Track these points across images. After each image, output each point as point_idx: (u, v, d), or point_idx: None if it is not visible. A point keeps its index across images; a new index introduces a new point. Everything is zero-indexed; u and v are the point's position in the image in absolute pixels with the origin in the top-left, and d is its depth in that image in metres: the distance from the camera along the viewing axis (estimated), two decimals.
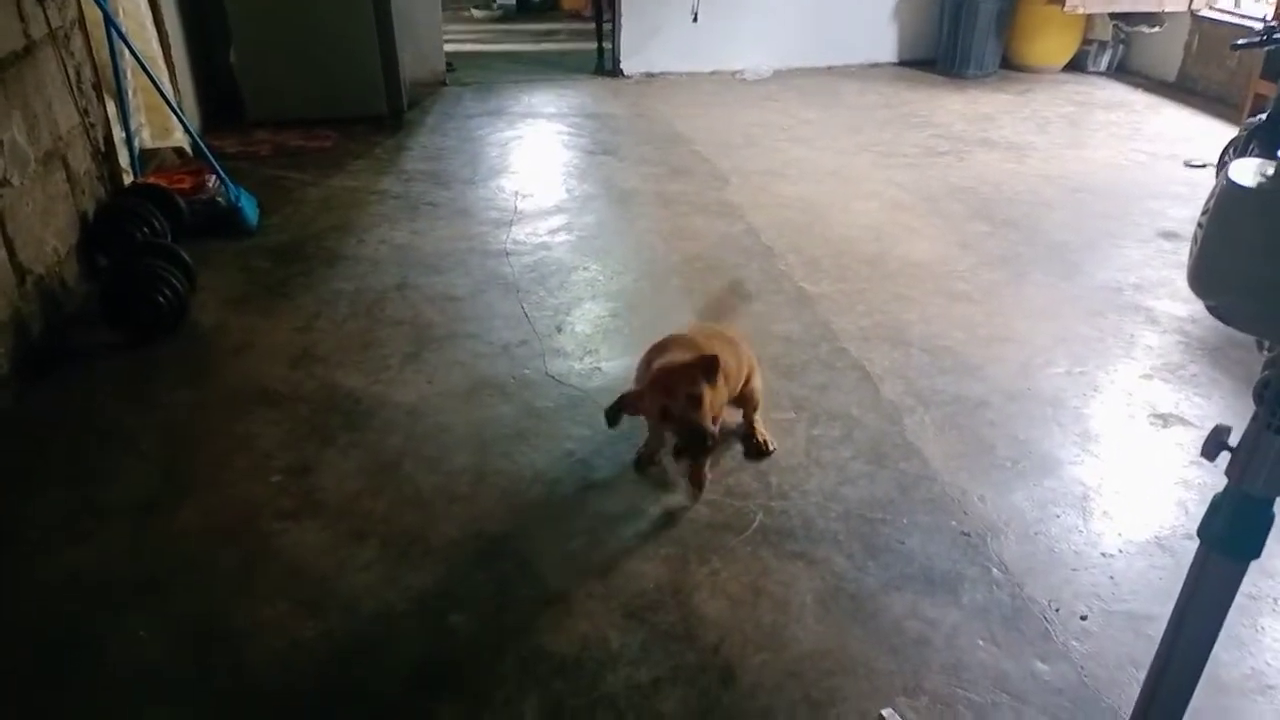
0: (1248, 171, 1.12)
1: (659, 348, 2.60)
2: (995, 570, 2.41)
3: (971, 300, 3.90)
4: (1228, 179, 1.12)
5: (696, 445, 2.35)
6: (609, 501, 2.67)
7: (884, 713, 1.93)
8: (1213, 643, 1.34)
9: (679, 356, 2.45)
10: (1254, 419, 1.19)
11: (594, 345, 3.50)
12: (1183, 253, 3.83)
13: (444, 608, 2.28)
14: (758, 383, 2.84)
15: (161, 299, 3.41)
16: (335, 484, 2.71)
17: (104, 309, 3.41)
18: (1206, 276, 1.19)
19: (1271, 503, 1.22)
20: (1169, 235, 4.61)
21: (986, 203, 5.00)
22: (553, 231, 4.52)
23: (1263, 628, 2.28)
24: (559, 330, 3.60)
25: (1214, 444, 1.21)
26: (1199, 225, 1.19)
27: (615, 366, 3.31)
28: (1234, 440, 1.22)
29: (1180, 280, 3.98)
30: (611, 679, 2.09)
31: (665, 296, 3.90)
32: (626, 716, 2.00)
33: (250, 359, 3.36)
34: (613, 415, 2.42)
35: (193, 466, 2.76)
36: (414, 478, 2.75)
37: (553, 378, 3.28)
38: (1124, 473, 2.84)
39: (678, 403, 2.31)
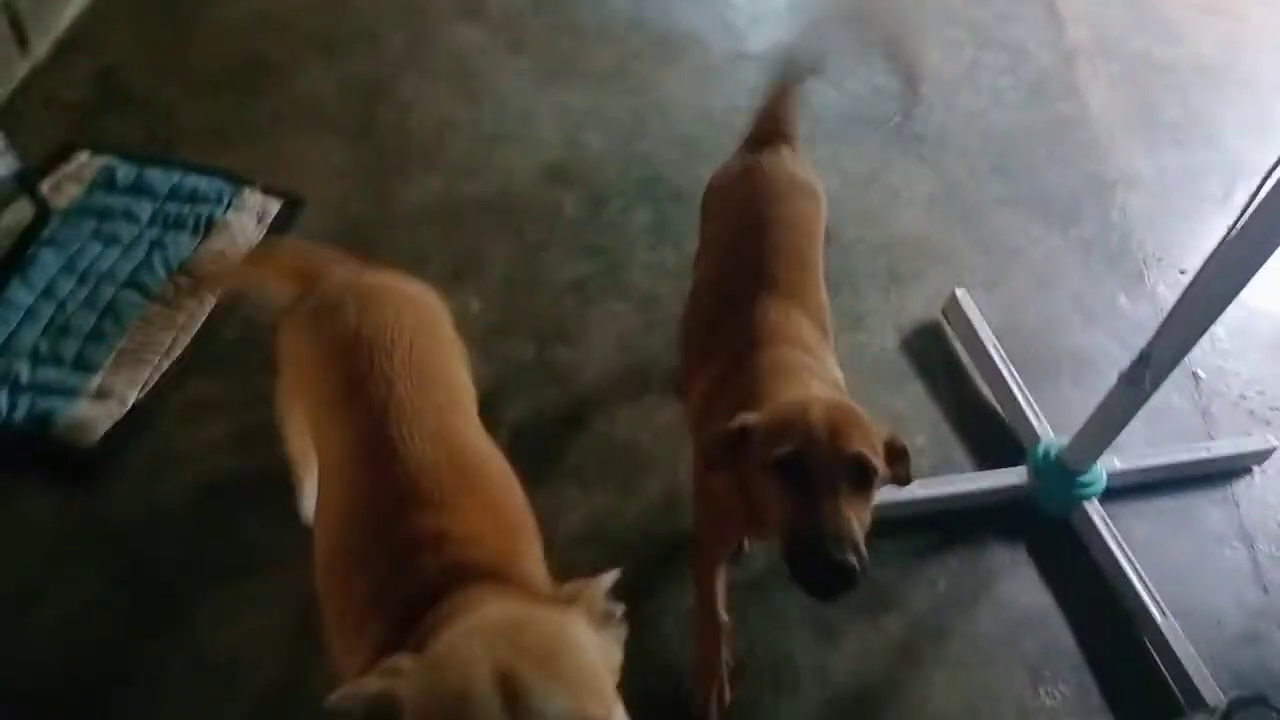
0: None
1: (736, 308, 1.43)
2: (1115, 214, 2.42)
3: None
4: None
5: (826, 573, 1.09)
6: (754, 73, 2.69)
7: (957, 291, 2.07)
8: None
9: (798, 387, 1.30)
10: None
11: None
12: None
13: (582, 124, 2.46)
14: None
15: None
16: None
17: None
18: None
19: None
20: None
21: None
22: None
23: None
24: None
25: None
26: None
27: None
28: None
29: None
30: None
31: None
32: None
33: None
34: (718, 451, 1.22)
35: None
36: (574, 10, 2.81)
37: None
38: None
39: (833, 460, 1.12)
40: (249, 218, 2.11)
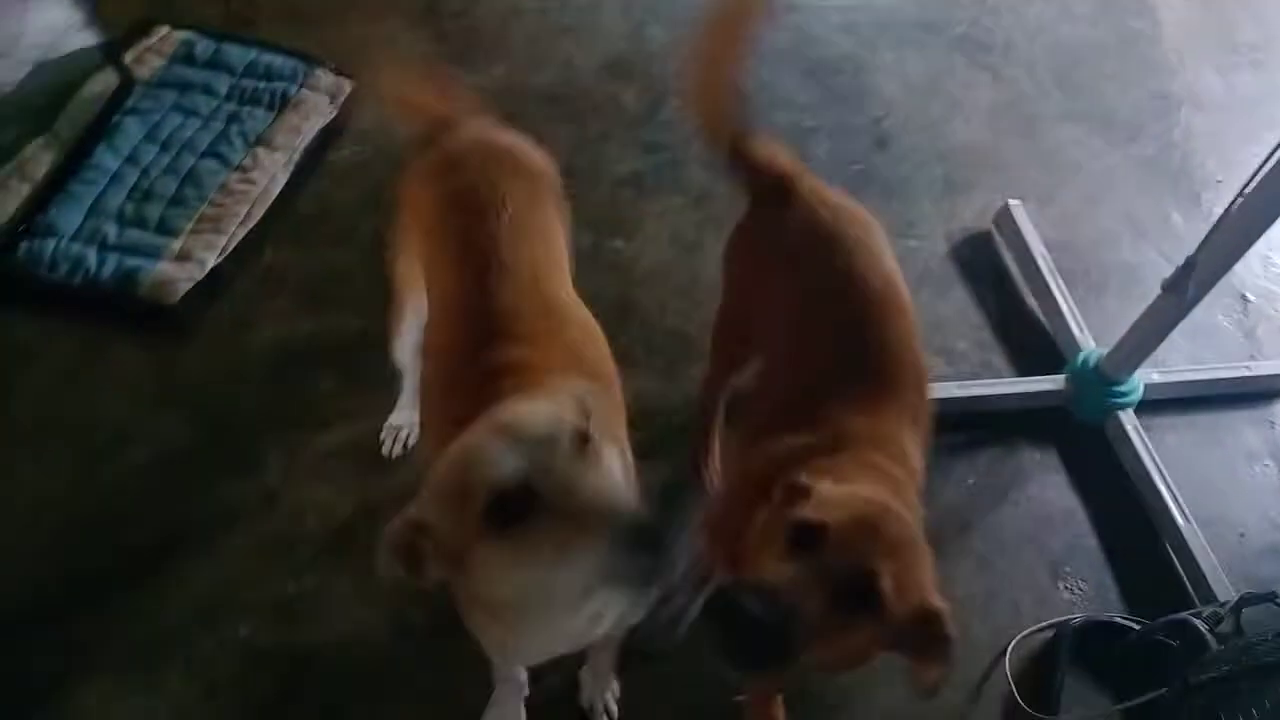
0: None
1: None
2: (1177, 134, 2.39)
3: None
4: None
5: (726, 624, 0.89)
6: None
7: (1011, 202, 2.09)
8: None
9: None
10: None
11: None
12: None
13: (645, 18, 2.48)
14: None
15: None
16: None
17: None
18: None
19: None
20: None
21: None
22: None
23: None
24: None
25: None
26: None
27: None
28: None
29: None
30: (780, 116, 2.29)
31: None
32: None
33: None
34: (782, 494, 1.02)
35: None
36: None
37: None
38: None
39: (847, 560, 0.92)
40: (322, 96, 2.18)
